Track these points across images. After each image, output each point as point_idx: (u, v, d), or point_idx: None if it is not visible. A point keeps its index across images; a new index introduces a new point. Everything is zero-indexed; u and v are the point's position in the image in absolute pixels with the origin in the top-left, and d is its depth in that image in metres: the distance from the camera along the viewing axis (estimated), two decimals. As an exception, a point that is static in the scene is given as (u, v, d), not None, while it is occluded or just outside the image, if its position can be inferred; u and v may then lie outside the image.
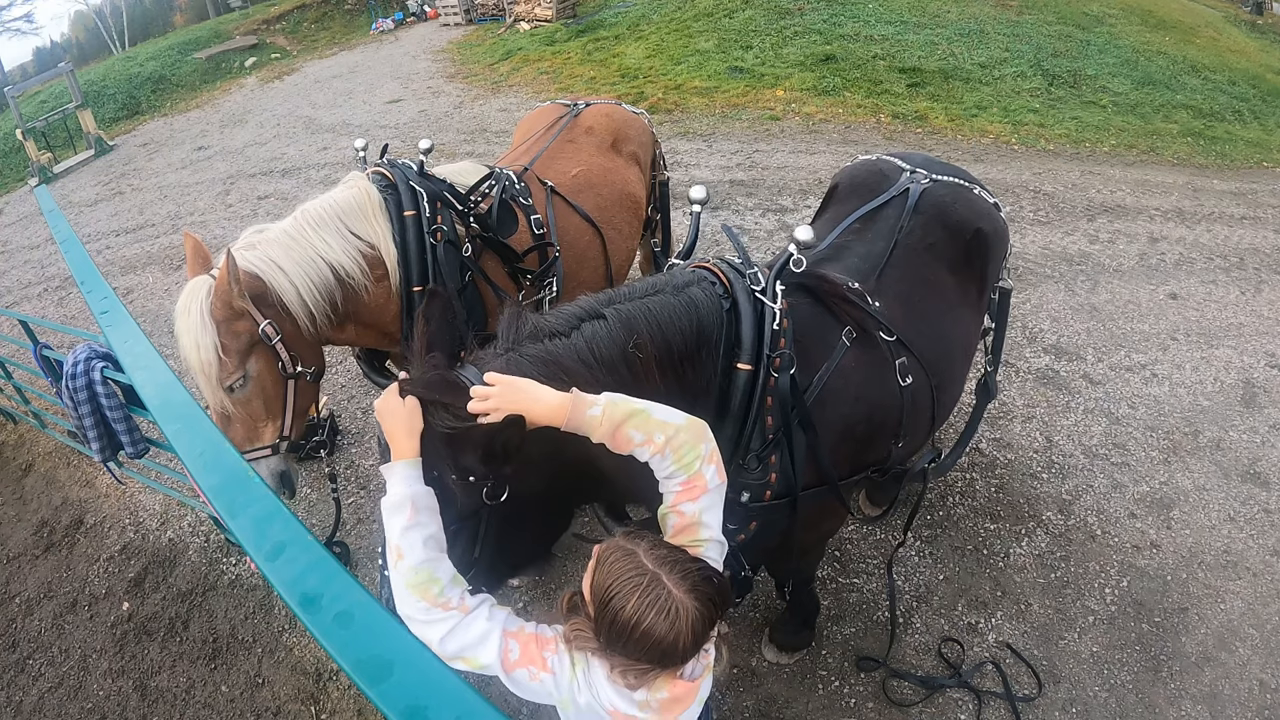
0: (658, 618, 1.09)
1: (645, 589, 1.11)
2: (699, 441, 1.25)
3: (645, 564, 1.14)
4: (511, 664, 1.15)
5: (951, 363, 2.20)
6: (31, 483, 4.15)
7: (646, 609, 1.10)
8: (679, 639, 1.10)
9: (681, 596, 1.11)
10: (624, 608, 1.10)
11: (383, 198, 2.40)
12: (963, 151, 7.20)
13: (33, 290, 6.48)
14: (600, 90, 9.13)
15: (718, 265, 1.72)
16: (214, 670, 2.90)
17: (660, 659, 1.13)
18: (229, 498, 0.86)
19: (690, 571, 1.14)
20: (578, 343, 1.44)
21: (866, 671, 2.62)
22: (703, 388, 1.61)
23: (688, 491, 1.25)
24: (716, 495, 1.27)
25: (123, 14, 28.42)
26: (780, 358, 1.61)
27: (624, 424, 1.23)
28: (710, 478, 1.25)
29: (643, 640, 1.10)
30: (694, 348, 1.57)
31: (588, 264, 2.95)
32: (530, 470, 1.37)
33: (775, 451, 1.68)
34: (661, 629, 1.10)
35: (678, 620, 1.10)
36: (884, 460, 2.00)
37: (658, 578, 1.12)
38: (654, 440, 1.22)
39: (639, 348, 1.47)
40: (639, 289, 1.63)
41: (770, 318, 1.61)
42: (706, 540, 1.25)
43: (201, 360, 2.05)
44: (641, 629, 1.10)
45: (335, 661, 0.67)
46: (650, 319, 1.52)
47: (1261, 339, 4.35)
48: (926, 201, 2.30)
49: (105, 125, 11.77)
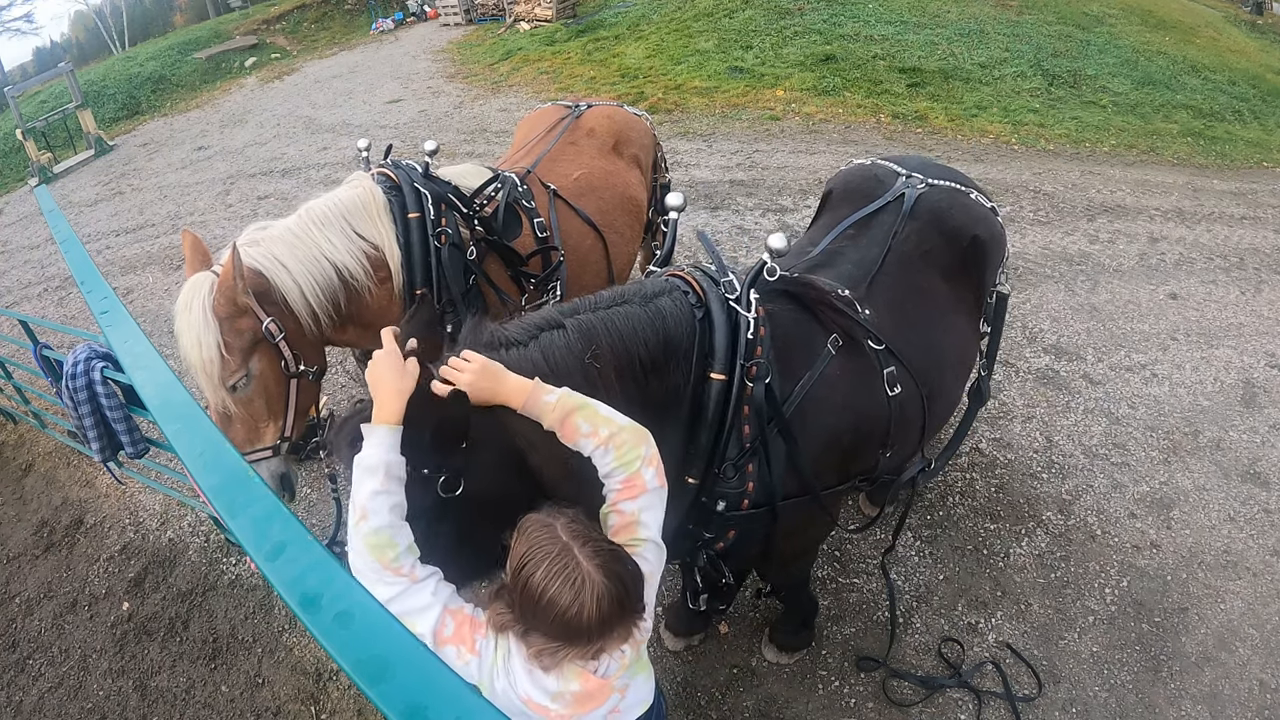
0: (563, 587, 1.12)
1: (555, 558, 1.14)
2: (640, 443, 1.31)
3: (559, 535, 1.17)
4: (444, 639, 1.18)
5: (943, 372, 2.17)
6: (31, 483, 4.15)
7: (553, 578, 1.13)
8: (583, 611, 1.13)
9: (590, 569, 1.13)
10: (533, 575, 1.14)
11: (387, 199, 2.38)
12: (963, 151, 7.20)
13: (33, 290, 6.48)
14: (600, 90, 9.13)
15: (692, 274, 1.71)
16: (214, 670, 2.90)
17: (566, 633, 1.15)
18: (229, 498, 0.86)
19: (602, 549, 1.17)
20: (533, 353, 1.45)
21: (866, 671, 2.62)
22: (670, 397, 1.61)
23: (627, 490, 1.29)
24: (655, 497, 1.31)
25: (123, 14, 28.42)
26: (756, 366, 1.60)
27: (574, 413, 1.30)
28: (649, 479, 1.30)
29: (548, 609, 1.13)
30: (659, 358, 1.56)
31: (590, 268, 2.95)
32: (483, 470, 1.38)
33: (752, 460, 1.67)
34: (566, 598, 1.12)
35: (582, 591, 1.12)
36: (872, 469, 1.98)
37: (569, 548, 1.15)
38: (599, 433, 1.29)
39: (596, 358, 1.48)
40: (605, 299, 1.63)
41: (745, 326, 1.60)
42: (645, 540, 1.29)
43: (203, 358, 2.02)
44: (548, 597, 1.13)
45: (335, 661, 0.67)
46: (611, 329, 1.53)
47: (1261, 339, 4.35)
48: (922, 207, 2.29)
49: (105, 125, 11.77)
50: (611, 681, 1.22)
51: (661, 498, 1.33)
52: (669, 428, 1.63)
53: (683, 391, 1.61)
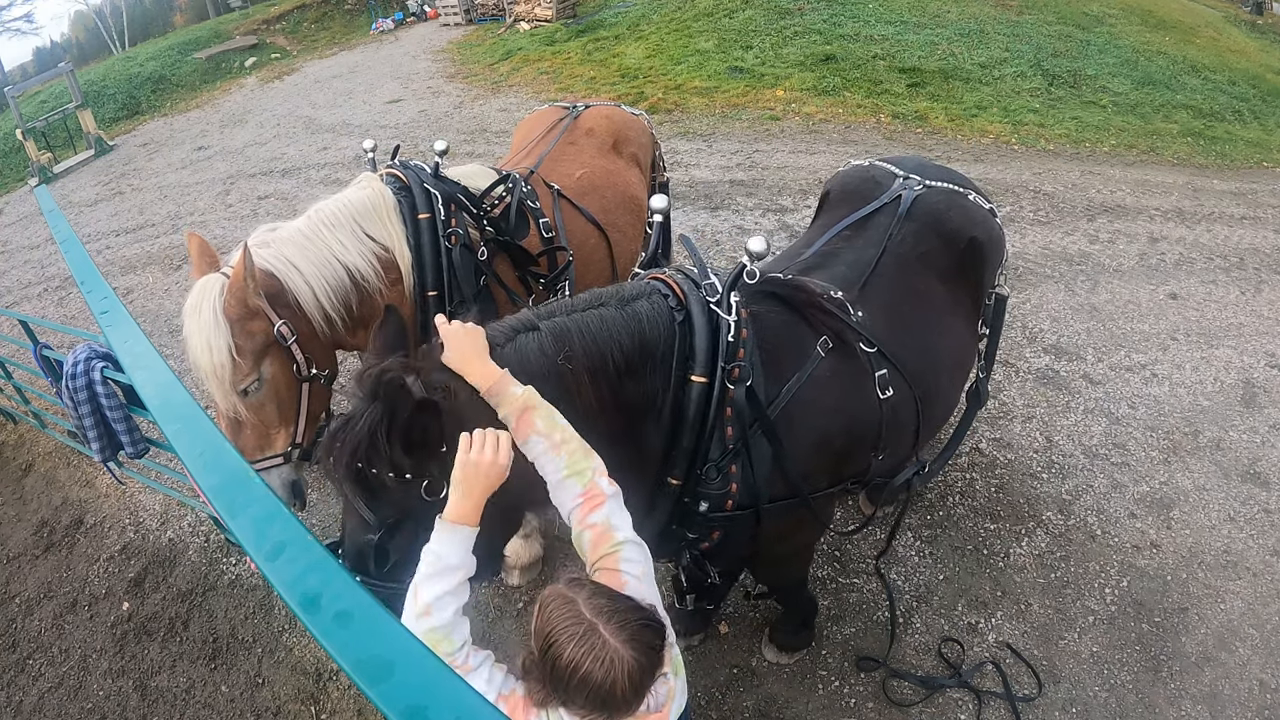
0: (594, 666, 1.12)
1: (581, 638, 1.13)
2: (589, 456, 1.35)
3: (583, 613, 1.16)
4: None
5: (939, 375, 2.16)
6: (31, 483, 4.15)
7: (583, 657, 1.12)
8: (615, 687, 1.12)
9: (617, 646, 1.13)
10: (561, 655, 1.13)
11: (397, 200, 2.35)
12: (963, 151, 7.20)
13: (33, 290, 6.48)
14: (600, 90, 9.13)
15: (673, 276, 1.71)
16: (214, 670, 2.90)
17: (603, 706, 1.15)
18: (229, 498, 0.86)
19: (629, 622, 1.16)
20: (509, 354, 1.48)
21: (866, 671, 2.62)
22: (647, 400, 1.61)
23: (589, 503, 1.32)
24: (616, 502, 1.35)
25: (123, 14, 28.42)
26: (738, 369, 1.60)
27: (533, 410, 1.35)
28: (605, 487, 1.34)
29: (580, 687, 1.13)
30: (635, 360, 1.57)
31: (594, 267, 2.95)
32: None
33: (735, 462, 1.67)
34: (598, 677, 1.12)
35: (613, 669, 1.12)
36: (864, 473, 1.97)
37: (594, 627, 1.14)
38: (552, 437, 1.34)
39: (569, 359, 1.50)
40: (581, 302, 1.64)
41: (725, 329, 1.60)
42: (623, 542, 1.30)
43: (214, 362, 1.96)
44: (579, 677, 1.12)
45: (335, 661, 0.67)
46: (585, 332, 1.54)
47: (1261, 339, 4.35)
48: (919, 209, 2.27)
49: (105, 125, 11.78)
50: (667, 709, 1.22)
51: (619, 500, 1.35)
52: (648, 429, 1.64)
53: (662, 394, 1.62)
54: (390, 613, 0.73)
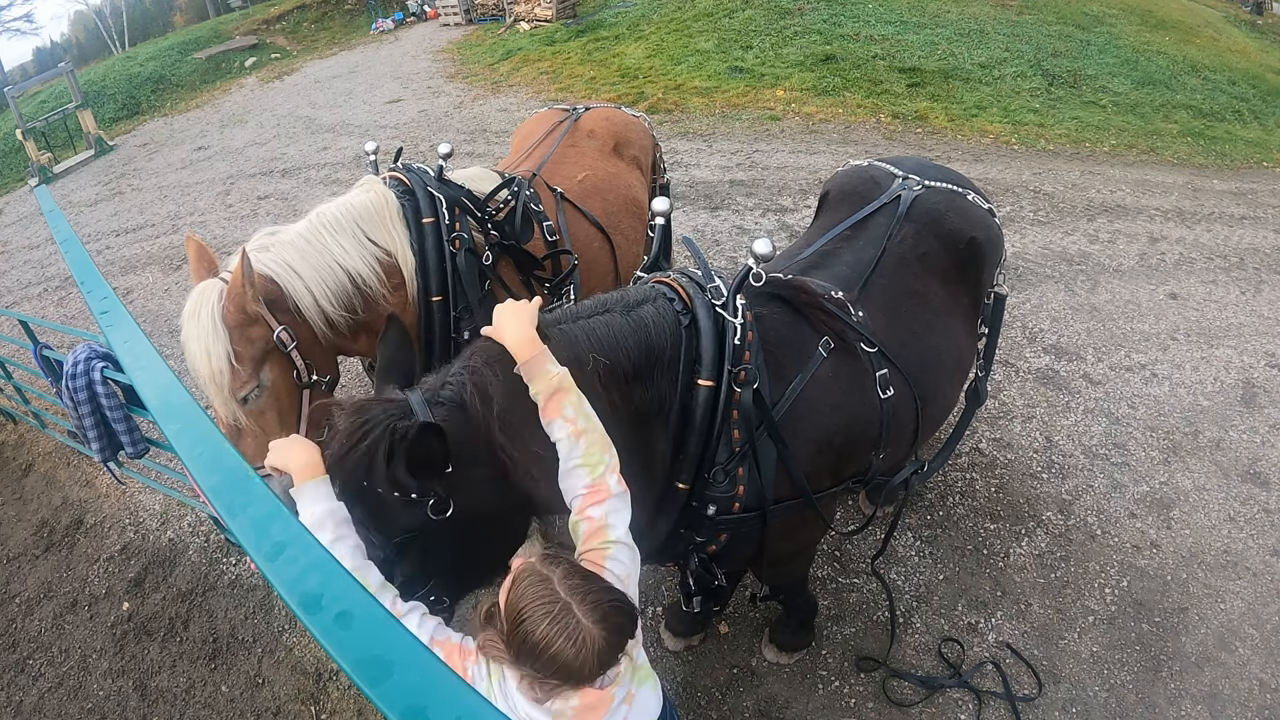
0: (565, 644, 1.14)
1: (555, 616, 1.15)
2: (606, 450, 1.36)
3: (558, 592, 1.17)
4: None
5: (938, 374, 2.16)
6: (31, 483, 4.15)
7: (555, 635, 1.14)
8: (584, 664, 1.15)
9: (590, 626, 1.15)
10: (534, 631, 1.15)
11: (400, 203, 2.31)
12: (963, 151, 7.20)
13: (33, 290, 6.48)
14: (600, 90, 9.13)
15: (678, 280, 1.71)
16: (214, 670, 2.90)
17: (566, 678, 1.17)
18: (229, 498, 0.86)
19: (600, 602, 1.18)
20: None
21: (866, 671, 2.62)
22: (655, 405, 1.61)
23: (593, 495, 1.33)
24: (620, 502, 1.35)
25: (123, 14, 28.42)
26: (745, 372, 1.59)
27: (565, 394, 1.36)
28: (613, 485, 1.34)
29: (550, 662, 1.15)
30: (642, 366, 1.56)
31: (598, 270, 2.93)
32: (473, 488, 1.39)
33: (742, 465, 1.67)
34: (568, 654, 1.14)
35: (584, 648, 1.14)
36: (864, 472, 1.98)
37: (569, 606, 1.16)
38: (577, 423, 1.34)
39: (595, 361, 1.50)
40: (586, 308, 1.63)
41: (731, 333, 1.60)
42: (615, 541, 1.30)
43: (213, 369, 1.93)
44: (550, 653, 1.14)
45: (335, 661, 0.67)
46: (593, 339, 1.53)
47: (1261, 339, 4.35)
48: (919, 209, 2.28)
49: (105, 125, 11.78)
50: (611, 690, 1.23)
51: (626, 503, 1.35)
52: (656, 434, 1.64)
53: (670, 398, 1.61)
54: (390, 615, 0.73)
